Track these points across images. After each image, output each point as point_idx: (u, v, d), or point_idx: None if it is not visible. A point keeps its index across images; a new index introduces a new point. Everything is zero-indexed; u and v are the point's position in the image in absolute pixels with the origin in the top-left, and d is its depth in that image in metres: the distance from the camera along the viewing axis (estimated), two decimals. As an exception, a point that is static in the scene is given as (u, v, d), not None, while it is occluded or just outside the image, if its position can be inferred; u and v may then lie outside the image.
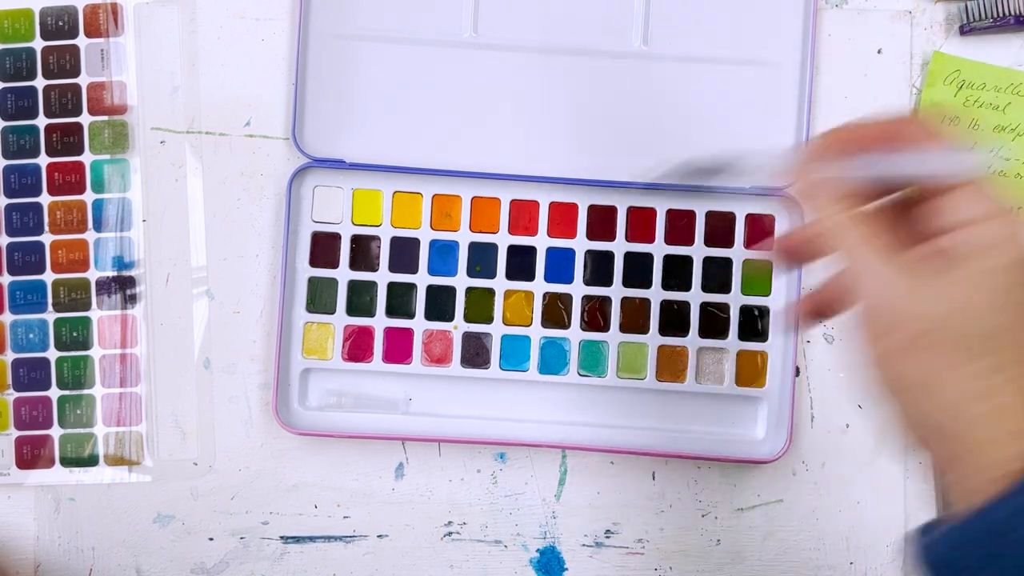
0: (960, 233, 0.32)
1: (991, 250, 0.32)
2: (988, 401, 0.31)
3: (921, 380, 0.32)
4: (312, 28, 0.53)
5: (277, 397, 0.53)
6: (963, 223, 0.32)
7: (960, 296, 0.31)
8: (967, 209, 0.32)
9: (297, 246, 0.54)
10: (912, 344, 0.32)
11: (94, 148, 0.54)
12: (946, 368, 0.32)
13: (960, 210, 0.32)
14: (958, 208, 0.32)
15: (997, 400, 0.31)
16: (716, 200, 0.54)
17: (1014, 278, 0.32)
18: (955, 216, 0.33)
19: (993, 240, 0.32)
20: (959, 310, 0.31)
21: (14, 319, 0.54)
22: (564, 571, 0.55)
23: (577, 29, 0.53)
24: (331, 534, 0.55)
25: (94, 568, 0.55)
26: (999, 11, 0.53)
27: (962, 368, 0.31)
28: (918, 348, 0.32)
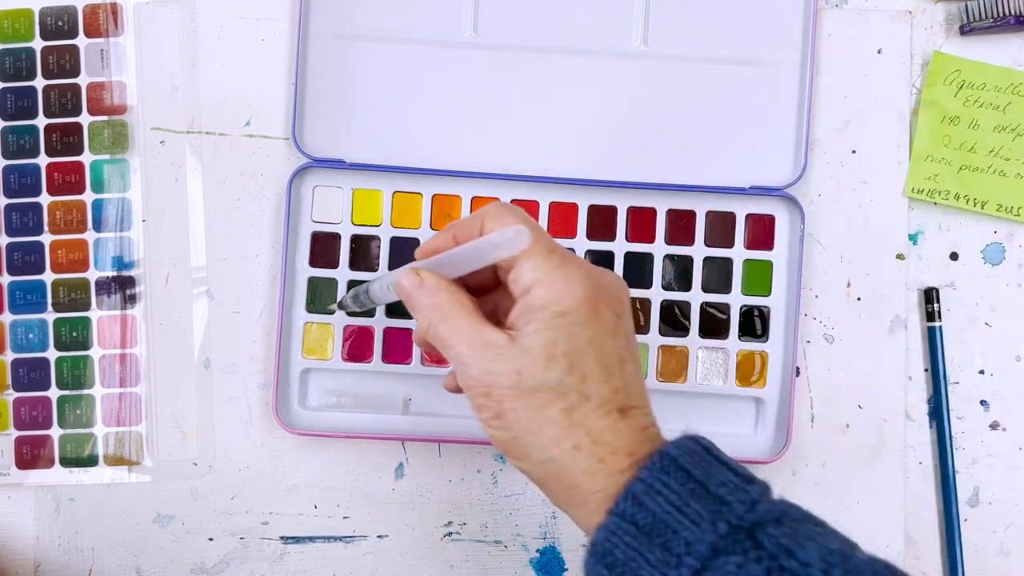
0: (521, 300, 0.38)
1: (540, 311, 0.37)
2: (566, 444, 0.36)
3: (515, 435, 0.37)
4: (312, 28, 0.53)
5: (277, 397, 0.53)
6: (522, 290, 0.37)
7: (523, 358, 0.36)
8: (524, 277, 0.37)
9: (297, 246, 0.54)
10: (499, 407, 0.37)
11: (94, 148, 0.54)
12: (529, 421, 0.36)
13: (520, 280, 0.37)
14: (518, 278, 0.38)
15: (571, 443, 0.36)
16: (716, 200, 0.54)
17: (559, 331, 0.36)
18: (516, 287, 0.38)
19: (542, 302, 0.37)
20: (525, 370, 0.36)
21: (14, 319, 0.54)
22: (564, 571, 0.55)
23: (577, 29, 0.53)
24: (331, 534, 0.55)
25: (94, 568, 0.54)
26: (999, 11, 0.53)
27: (539, 420, 0.36)
28: (504, 410, 0.37)
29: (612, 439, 0.36)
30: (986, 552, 0.54)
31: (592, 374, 0.37)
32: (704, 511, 0.34)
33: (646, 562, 0.34)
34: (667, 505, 0.34)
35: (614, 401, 0.37)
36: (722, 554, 0.33)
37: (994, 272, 0.55)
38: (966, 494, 0.54)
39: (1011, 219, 0.54)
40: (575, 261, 0.38)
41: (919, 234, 0.55)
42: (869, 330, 0.54)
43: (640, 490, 0.34)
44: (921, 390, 0.55)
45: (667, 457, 0.35)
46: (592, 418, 0.36)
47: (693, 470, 0.35)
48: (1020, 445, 0.55)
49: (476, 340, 0.37)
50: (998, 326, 0.55)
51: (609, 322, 0.38)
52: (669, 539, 0.33)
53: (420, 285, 0.39)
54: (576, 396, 0.36)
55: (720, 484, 0.34)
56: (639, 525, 0.34)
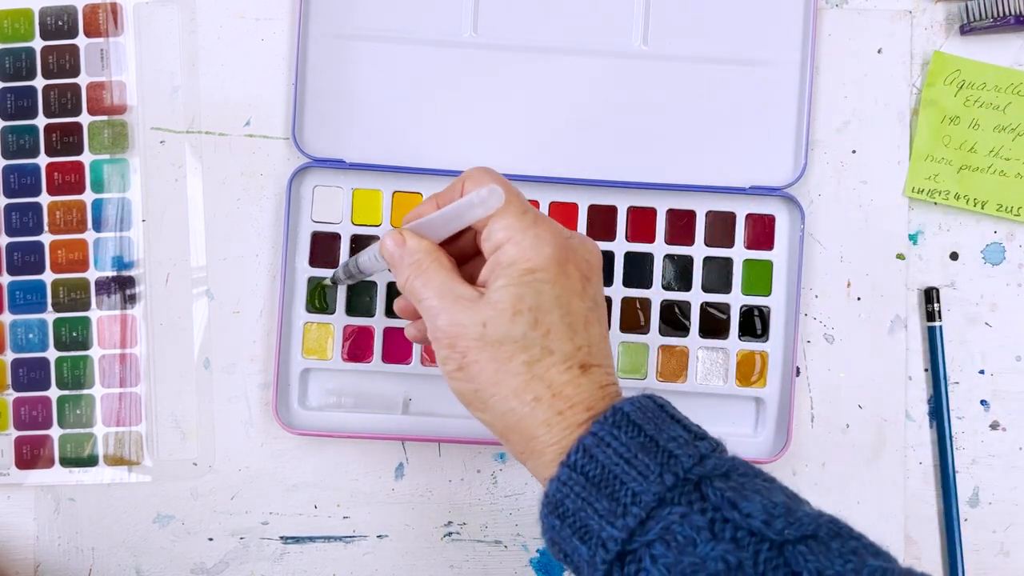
0: (491, 258, 0.39)
1: (509, 268, 0.38)
2: (526, 396, 0.37)
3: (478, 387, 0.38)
4: (312, 28, 0.53)
5: (277, 397, 0.53)
6: (493, 247, 0.39)
7: (489, 310, 0.37)
8: (496, 235, 0.38)
9: (297, 246, 0.54)
10: (464, 358, 0.38)
11: (94, 148, 0.54)
12: (492, 373, 0.37)
13: (492, 238, 0.39)
14: (490, 236, 0.39)
15: (532, 395, 0.37)
16: (716, 200, 0.54)
17: (526, 287, 0.37)
18: (488, 245, 0.39)
19: (511, 259, 0.38)
20: (491, 322, 0.37)
21: (14, 319, 0.54)
22: (564, 571, 0.55)
23: (577, 29, 0.53)
24: (331, 534, 0.55)
25: (94, 568, 0.54)
26: (999, 11, 0.53)
27: (502, 372, 0.37)
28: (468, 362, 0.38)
29: (572, 393, 0.37)
30: (986, 552, 0.54)
31: (556, 330, 0.37)
32: (652, 463, 0.34)
33: (594, 511, 0.35)
34: (616, 457, 0.35)
35: (576, 358, 0.38)
36: (667, 504, 0.34)
37: (994, 272, 0.55)
38: (966, 494, 0.54)
39: (1011, 219, 0.54)
40: (546, 222, 0.39)
41: (919, 234, 0.55)
42: (869, 330, 0.54)
43: (591, 443, 0.35)
44: (921, 390, 0.55)
45: (619, 412, 0.36)
46: (553, 372, 0.37)
47: (644, 425, 0.36)
48: (1020, 445, 0.55)
49: (446, 292, 0.39)
50: (998, 326, 0.55)
51: (577, 283, 0.39)
52: (616, 490, 0.34)
53: (402, 244, 0.40)
54: (539, 350, 0.37)
55: (670, 439, 0.35)
56: (588, 476, 0.35)
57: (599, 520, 0.34)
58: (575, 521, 0.35)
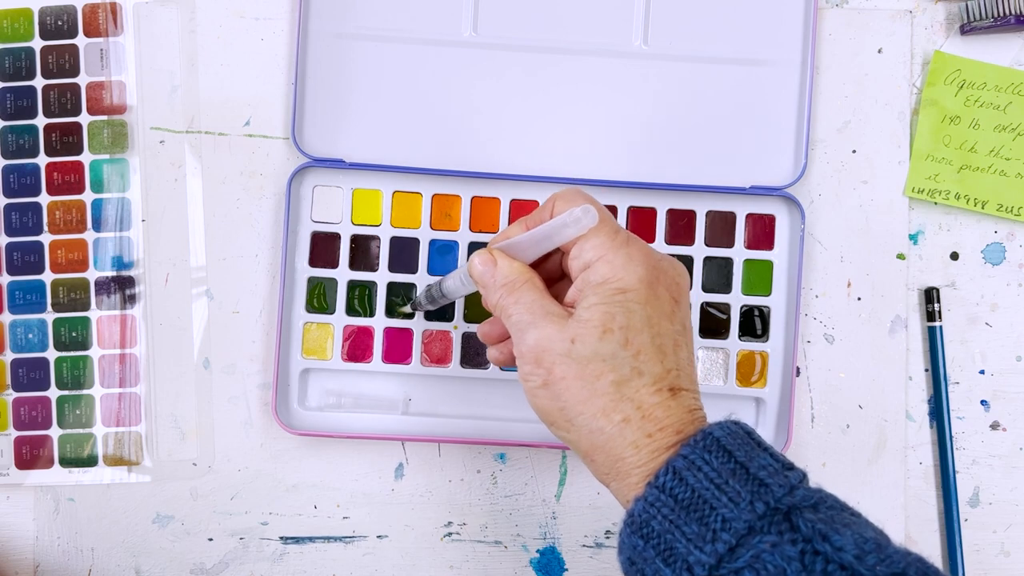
0: (580, 277, 0.39)
1: (599, 287, 0.38)
2: (615, 416, 0.37)
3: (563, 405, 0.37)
4: (312, 28, 0.53)
5: (276, 397, 0.53)
6: (583, 266, 0.39)
7: (578, 327, 0.37)
8: (586, 254, 0.38)
9: (297, 246, 0.54)
10: (549, 375, 0.38)
11: (93, 148, 0.54)
12: (579, 391, 0.37)
13: (582, 257, 0.39)
14: (580, 255, 0.39)
15: (621, 415, 0.37)
16: (716, 200, 0.54)
17: (617, 307, 0.37)
18: (577, 263, 0.39)
19: (602, 278, 0.38)
20: (579, 339, 0.37)
21: (13, 319, 0.54)
22: (564, 571, 0.55)
23: (577, 29, 0.53)
24: (331, 534, 0.55)
25: (93, 568, 0.54)
26: (999, 10, 0.53)
27: (590, 390, 0.37)
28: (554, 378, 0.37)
29: (662, 415, 0.37)
30: (986, 552, 0.54)
31: (646, 351, 0.37)
32: (743, 490, 0.34)
33: (682, 535, 0.34)
34: (707, 482, 0.34)
35: (666, 380, 0.37)
36: (757, 533, 0.33)
37: (994, 272, 0.55)
38: (966, 494, 0.54)
39: (1011, 219, 0.54)
40: (638, 243, 0.39)
41: (919, 234, 0.55)
42: (869, 330, 0.54)
43: (681, 465, 0.35)
44: (921, 390, 0.55)
45: (710, 437, 0.36)
46: (643, 393, 0.37)
47: (735, 451, 0.35)
48: (1020, 445, 0.55)
49: (536, 308, 0.39)
50: (998, 326, 0.55)
51: (667, 305, 0.38)
52: (706, 514, 0.34)
53: (493, 265, 0.40)
54: (629, 370, 0.37)
55: (760, 467, 0.35)
56: (678, 499, 0.35)
57: (687, 544, 0.34)
58: (660, 543, 0.35)
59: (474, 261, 0.41)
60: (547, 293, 0.40)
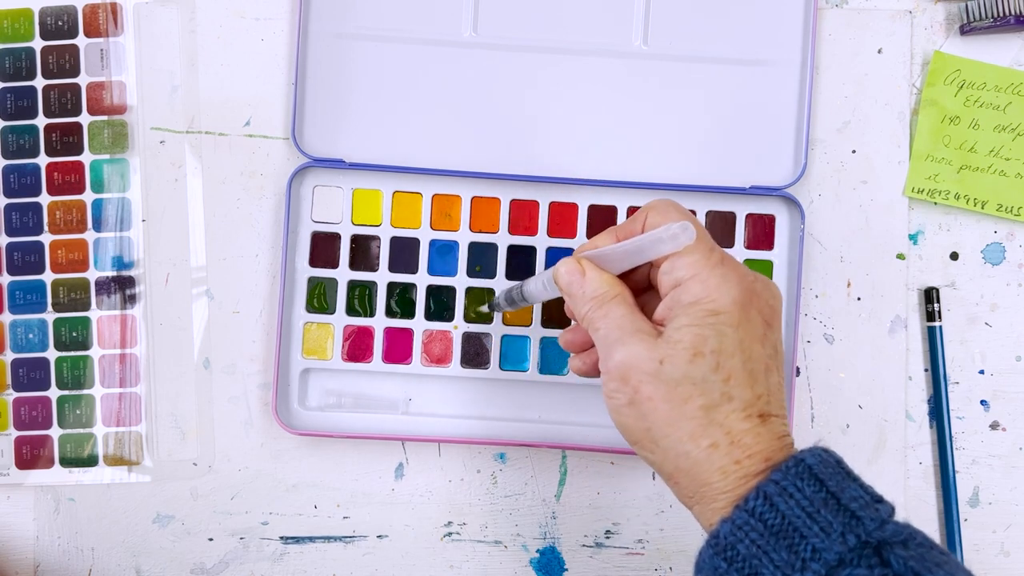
0: (670, 295, 0.38)
1: (691, 307, 0.37)
2: (703, 441, 0.36)
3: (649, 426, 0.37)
4: (312, 28, 0.53)
5: (277, 397, 0.53)
6: (674, 283, 0.38)
7: (668, 348, 0.36)
8: (679, 271, 0.38)
9: (297, 246, 0.54)
10: (635, 394, 0.37)
11: (94, 148, 0.54)
12: (667, 412, 0.36)
13: (674, 273, 0.38)
14: (672, 272, 0.38)
15: (709, 440, 0.36)
16: (716, 200, 0.54)
17: (709, 329, 0.36)
18: (668, 280, 0.38)
19: (694, 298, 0.37)
20: (669, 360, 0.36)
21: (13, 319, 0.54)
22: (564, 571, 0.55)
23: (577, 29, 0.53)
24: (331, 534, 0.55)
25: (93, 568, 0.54)
26: (999, 11, 0.53)
27: (678, 412, 0.36)
28: (640, 398, 0.37)
29: (751, 442, 0.36)
30: (986, 552, 0.54)
31: (737, 376, 0.36)
32: (835, 521, 0.34)
33: (770, 561, 0.34)
34: (798, 509, 0.34)
35: (756, 406, 0.37)
36: (847, 566, 0.33)
37: (994, 272, 0.55)
38: (966, 494, 0.54)
39: (1011, 219, 0.54)
40: (733, 263, 0.38)
41: (919, 234, 0.55)
42: (869, 330, 0.54)
43: (773, 491, 0.35)
44: (921, 390, 0.55)
45: (802, 464, 0.35)
46: (733, 419, 0.36)
47: (827, 480, 0.35)
48: (1020, 445, 0.55)
49: (626, 325, 0.38)
50: (998, 326, 0.55)
51: (759, 329, 0.38)
52: (796, 542, 0.33)
53: (581, 275, 0.39)
54: (719, 395, 0.36)
55: (852, 498, 0.34)
56: (767, 524, 0.34)
57: (774, 570, 0.34)
58: (745, 567, 0.34)
59: (560, 270, 0.40)
60: (637, 309, 0.39)
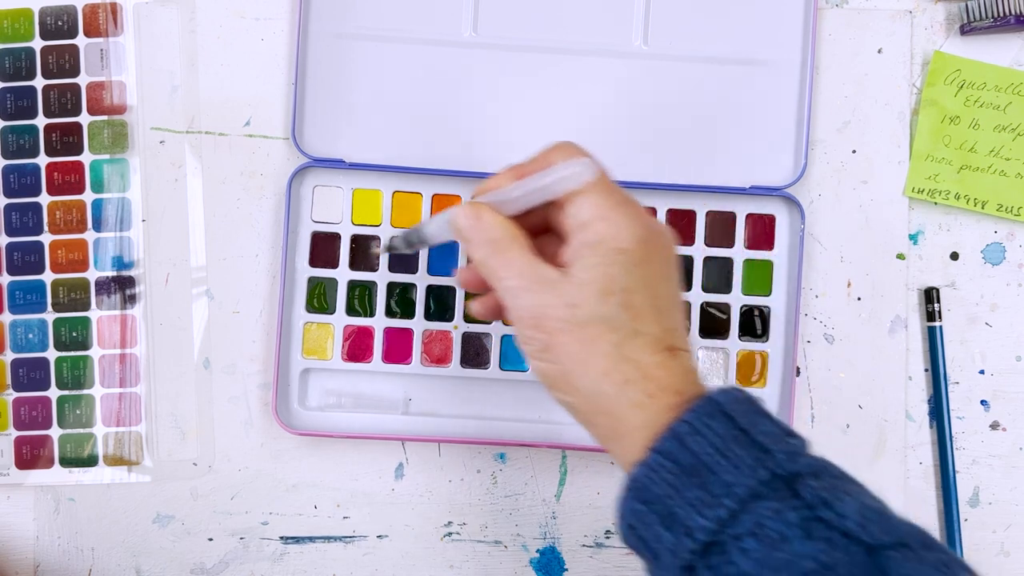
0: (576, 236, 0.37)
1: (598, 247, 0.37)
2: (616, 377, 0.36)
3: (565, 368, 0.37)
4: (312, 28, 0.53)
5: (277, 397, 0.53)
6: (579, 225, 0.37)
7: (576, 291, 0.36)
8: (584, 212, 0.37)
9: (297, 246, 0.54)
10: (550, 339, 0.37)
11: (93, 148, 0.54)
12: (579, 354, 0.36)
13: (579, 215, 0.37)
14: (577, 213, 0.37)
15: (621, 376, 0.36)
16: (716, 200, 0.54)
17: (617, 268, 0.36)
18: (572, 222, 0.38)
19: (600, 237, 0.37)
20: (580, 303, 0.36)
21: (13, 319, 0.54)
22: (564, 571, 0.55)
23: (577, 29, 0.53)
24: (331, 534, 0.55)
25: (93, 568, 0.54)
26: (999, 11, 0.53)
27: (590, 352, 0.36)
28: (555, 343, 0.37)
29: (662, 375, 0.36)
30: (986, 552, 0.54)
31: (645, 312, 0.37)
32: (746, 456, 0.34)
33: (683, 500, 0.34)
34: (709, 447, 0.34)
35: (664, 340, 0.37)
36: (760, 499, 0.33)
37: (994, 272, 0.55)
38: (966, 494, 0.54)
39: (1011, 219, 0.54)
40: (634, 203, 0.38)
41: (919, 234, 0.55)
42: (869, 330, 0.54)
43: (684, 431, 0.35)
44: (921, 390, 0.55)
45: (713, 402, 0.35)
46: (643, 353, 0.36)
47: (738, 418, 0.35)
48: (1020, 445, 0.55)
49: (529, 273, 0.37)
50: (998, 326, 0.55)
51: (663, 267, 0.38)
52: (708, 480, 0.34)
53: (478, 219, 0.39)
54: (628, 331, 0.36)
55: (763, 433, 0.35)
56: (680, 464, 0.34)
57: (688, 509, 0.34)
58: (661, 507, 0.34)
59: (458, 214, 0.40)
60: (535, 254, 0.38)
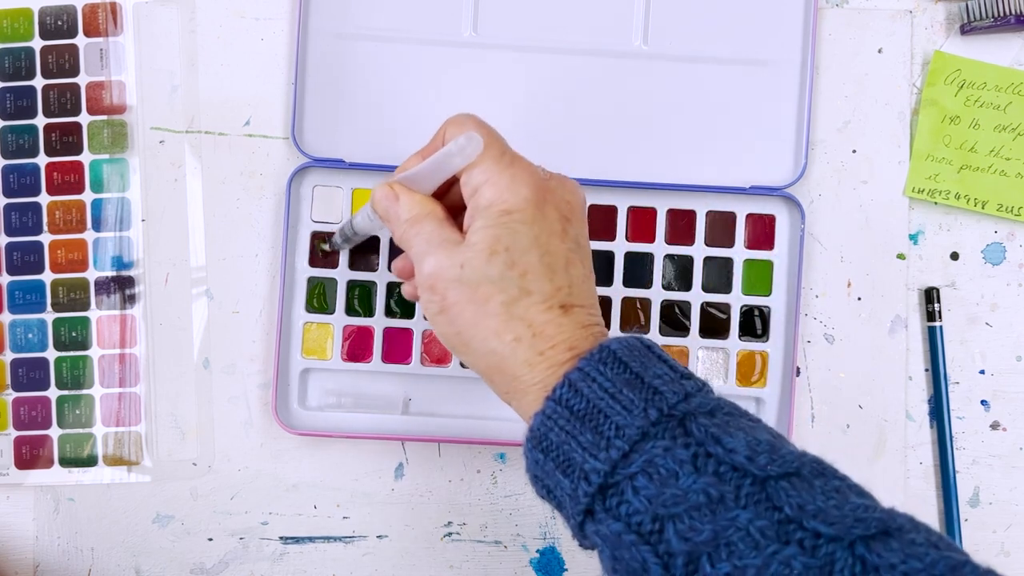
0: (470, 203, 0.39)
1: (486, 210, 0.38)
2: (506, 336, 0.37)
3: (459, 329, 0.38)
4: (312, 28, 0.53)
5: (276, 397, 0.53)
6: (472, 191, 0.39)
7: (467, 252, 0.38)
8: (474, 179, 0.39)
9: (296, 246, 0.54)
10: (443, 301, 0.38)
11: (93, 148, 0.54)
12: (471, 315, 0.37)
13: (471, 183, 0.39)
14: (469, 181, 0.39)
15: (511, 335, 0.37)
16: (716, 200, 0.54)
17: (502, 228, 0.37)
18: (467, 190, 0.39)
19: (487, 201, 0.38)
20: (468, 264, 0.37)
21: (13, 319, 0.54)
22: (564, 571, 0.55)
23: (577, 29, 0.53)
24: (330, 534, 0.54)
25: (93, 568, 0.54)
26: (999, 10, 0.53)
27: (481, 313, 0.37)
28: (448, 304, 0.38)
29: (553, 332, 0.37)
30: (986, 552, 0.54)
31: (534, 271, 0.37)
32: (636, 398, 0.34)
33: (578, 444, 0.35)
34: (601, 392, 0.35)
35: (556, 298, 0.38)
36: (651, 439, 0.34)
37: (995, 272, 0.55)
38: (966, 494, 0.54)
39: (1012, 219, 0.54)
40: (523, 163, 0.39)
41: (919, 234, 0.55)
42: (869, 330, 0.54)
43: (577, 377, 0.35)
44: (921, 390, 0.55)
45: (606, 349, 0.36)
46: (533, 312, 0.37)
47: (631, 362, 0.36)
48: (1020, 445, 0.55)
49: (434, 238, 0.39)
50: (999, 326, 0.55)
51: (556, 224, 0.39)
52: (600, 423, 0.34)
53: (395, 199, 0.41)
54: (517, 290, 0.37)
55: (655, 376, 0.35)
56: (573, 410, 0.35)
57: (582, 453, 0.34)
58: (559, 455, 0.35)
59: (376, 196, 0.41)
60: (448, 223, 0.40)
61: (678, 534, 0.32)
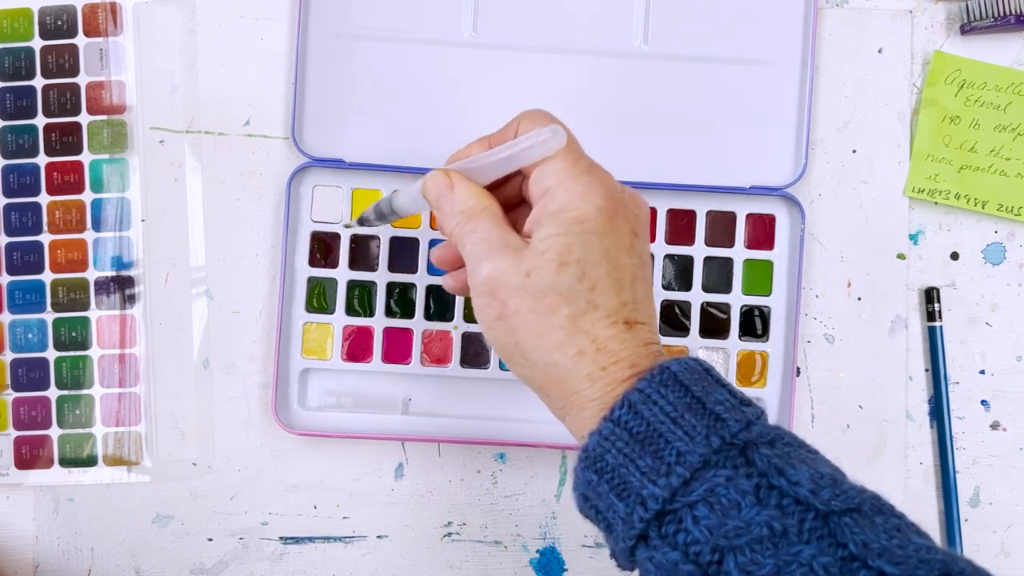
0: (538, 204, 0.37)
1: (557, 215, 0.36)
2: (570, 349, 0.36)
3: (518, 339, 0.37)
4: (312, 27, 0.53)
5: (276, 397, 0.53)
6: (542, 192, 0.37)
7: (534, 260, 0.36)
8: (546, 179, 0.37)
9: (296, 246, 0.54)
10: (504, 308, 0.36)
11: (93, 148, 0.54)
12: (534, 324, 0.36)
13: (542, 182, 0.37)
14: (540, 180, 0.37)
15: (575, 348, 0.36)
16: (717, 200, 0.54)
17: (575, 238, 0.36)
18: (536, 189, 0.37)
19: (559, 206, 0.36)
20: (535, 272, 0.36)
21: (13, 319, 0.54)
22: (564, 571, 0.54)
23: (577, 29, 0.53)
24: (330, 534, 0.54)
25: (93, 568, 0.54)
26: (1000, 10, 0.53)
27: (545, 323, 0.36)
28: (509, 312, 0.36)
29: (616, 348, 0.36)
30: (986, 552, 0.54)
31: (602, 285, 0.36)
32: (699, 424, 0.34)
33: (636, 468, 0.34)
34: (662, 415, 0.34)
35: (621, 313, 0.37)
36: (712, 467, 0.33)
37: (995, 272, 0.55)
38: (966, 494, 0.54)
39: (1012, 219, 0.54)
40: (600, 171, 0.38)
41: (920, 234, 0.55)
42: (869, 330, 0.54)
43: (637, 399, 0.34)
44: (921, 390, 0.55)
45: (667, 371, 0.35)
46: (598, 326, 0.36)
47: (692, 386, 0.35)
48: (1020, 445, 0.55)
49: (493, 240, 0.37)
50: (999, 326, 0.55)
51: (625, 238, 0.37)
52: (661, 448, 0.33)
53: (450, 188, 0.39)
54: (584, 304, 0.36)
55: (717, 402, 0.34)
56: (632, 432, 0.34)
57: (640, 477, 0.33)
58: (614, 477, 0.34)
59: (428, 182, 0.39)
60: (505, 222, 0.38)
61: (739, 567, 0.31)
